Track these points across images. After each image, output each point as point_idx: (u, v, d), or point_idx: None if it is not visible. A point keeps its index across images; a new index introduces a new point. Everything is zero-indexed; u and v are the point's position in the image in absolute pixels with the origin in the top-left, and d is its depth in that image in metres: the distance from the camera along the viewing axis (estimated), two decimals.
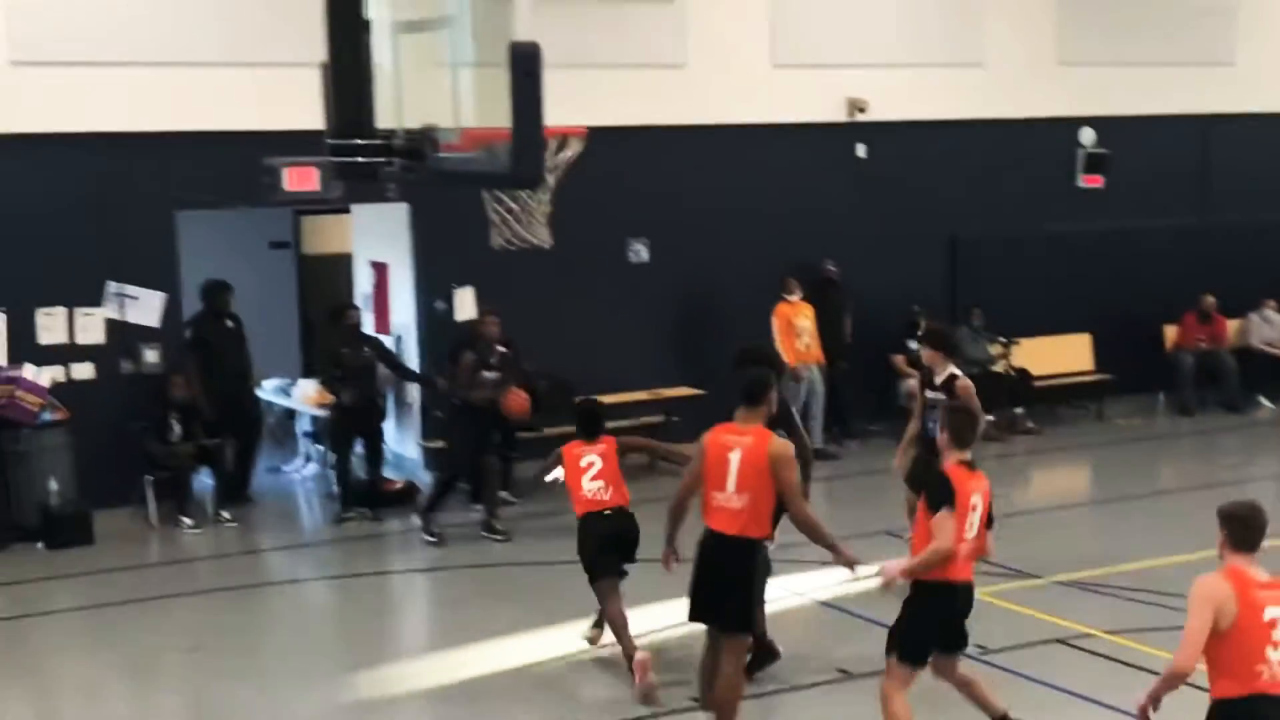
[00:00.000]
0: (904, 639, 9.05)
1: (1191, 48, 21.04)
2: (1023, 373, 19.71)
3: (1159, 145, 20.92)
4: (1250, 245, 21.50)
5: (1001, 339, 19.56)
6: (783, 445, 9.41)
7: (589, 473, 11.37)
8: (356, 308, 17.13)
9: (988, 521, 9.14)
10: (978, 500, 9.00)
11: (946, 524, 8.75)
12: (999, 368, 19.50)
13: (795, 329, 18.39)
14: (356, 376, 16.24)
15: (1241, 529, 7.29)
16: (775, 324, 18.32)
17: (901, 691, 9.03)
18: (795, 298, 18.46)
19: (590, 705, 10.93)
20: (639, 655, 10.78)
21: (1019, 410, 19.73)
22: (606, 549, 11.15)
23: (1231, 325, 21.24)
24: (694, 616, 9.70)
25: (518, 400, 15.40)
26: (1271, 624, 7.09)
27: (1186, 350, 20.87)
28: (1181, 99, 21.02)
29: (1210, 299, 20.87)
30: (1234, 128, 21.39)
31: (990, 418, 18.74)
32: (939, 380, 12.66)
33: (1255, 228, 21.56)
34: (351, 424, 16.42)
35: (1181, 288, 20.83)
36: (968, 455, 9.13)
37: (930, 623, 9.04)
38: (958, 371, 12.69)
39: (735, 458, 9.32)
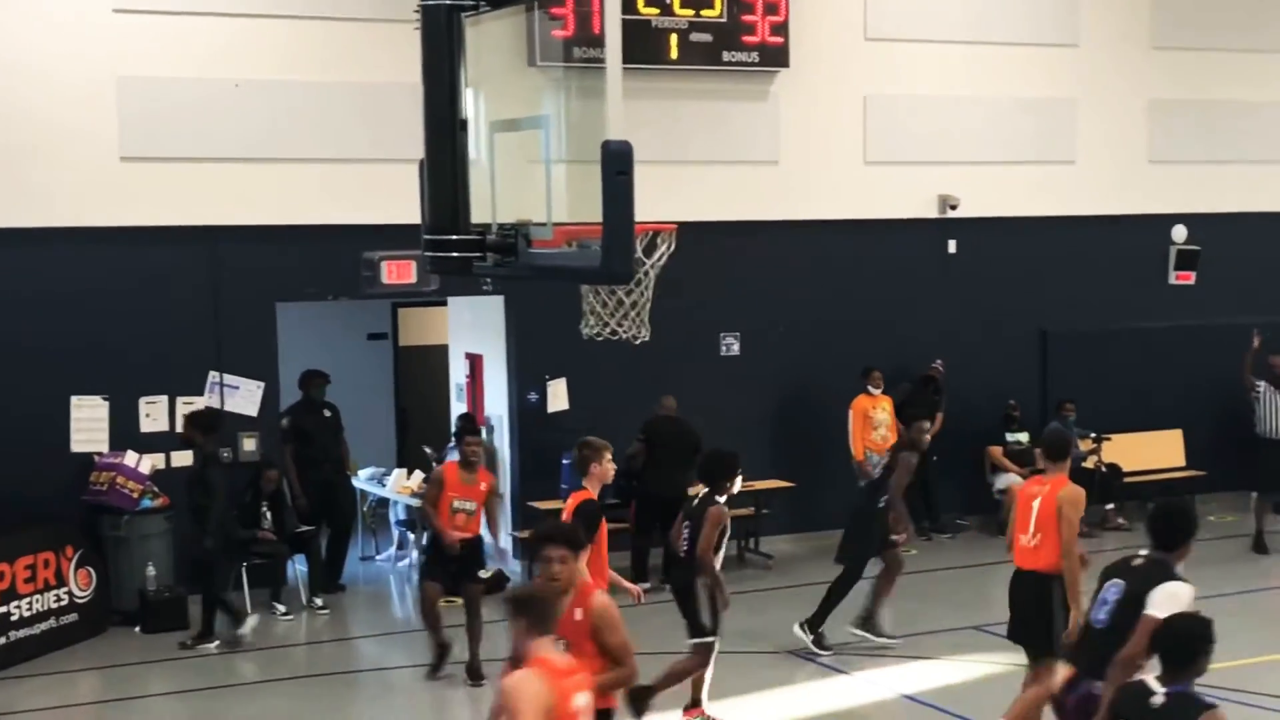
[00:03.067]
0: None
1: None
2: (1113, 468, 19.60)
3: (1249, 241, 20.87)
4: None
5: (1092, 435, 19.47)
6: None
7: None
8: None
9: None
10: None
11: None
12: (1089, 464, 19.41)
13: (872, 421, 18.41)
14: None
15: None
16: (851, 415, 18.36)
17: None
18: (877, 391, 18.49)
19: None
20: None
21: (1109, 506, 19.57)
22: None
23: None
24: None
25: None
26: None
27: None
28: (1271, 196, 21.03)
29: None
30: None
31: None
32: None
33: None
34: None
35: None
36: None
37: None
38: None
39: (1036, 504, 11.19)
